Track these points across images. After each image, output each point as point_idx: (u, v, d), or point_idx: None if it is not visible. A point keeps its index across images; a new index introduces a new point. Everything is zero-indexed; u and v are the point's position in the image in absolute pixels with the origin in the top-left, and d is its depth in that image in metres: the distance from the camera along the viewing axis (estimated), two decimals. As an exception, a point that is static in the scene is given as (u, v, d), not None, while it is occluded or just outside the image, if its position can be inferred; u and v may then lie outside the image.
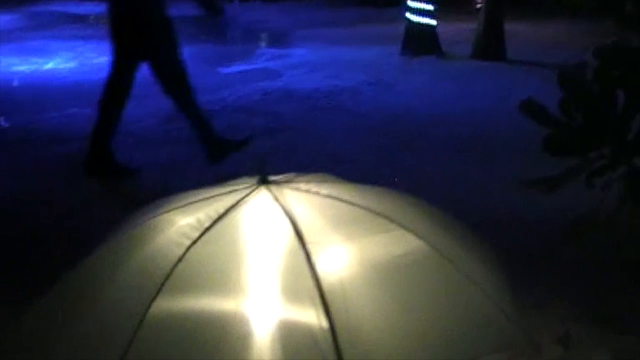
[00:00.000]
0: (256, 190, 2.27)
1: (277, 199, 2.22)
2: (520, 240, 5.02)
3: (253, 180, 2.33)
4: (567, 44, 11.99)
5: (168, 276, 2.08)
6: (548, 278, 4.52)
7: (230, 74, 11.81)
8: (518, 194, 5.23)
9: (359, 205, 2.26)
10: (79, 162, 7.11)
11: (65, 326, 2.21)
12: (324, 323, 1.97)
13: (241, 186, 2.32)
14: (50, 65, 12.68)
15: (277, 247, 2.13)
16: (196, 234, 2.15)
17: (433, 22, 12.64)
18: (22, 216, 5.85)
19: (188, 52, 6.59)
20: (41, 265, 4.64)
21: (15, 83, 11.40)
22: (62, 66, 12.57)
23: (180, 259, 2.11)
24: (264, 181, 2.31)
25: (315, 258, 2.07)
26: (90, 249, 2.39)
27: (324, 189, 2.33)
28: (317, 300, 2.00)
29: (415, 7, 12.61)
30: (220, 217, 2.19)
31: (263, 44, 14.48)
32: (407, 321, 2.09)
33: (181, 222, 2.23)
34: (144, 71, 6.79)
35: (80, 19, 16.90)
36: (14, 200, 6.20)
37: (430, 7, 12.58)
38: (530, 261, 4.66)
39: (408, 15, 12.73)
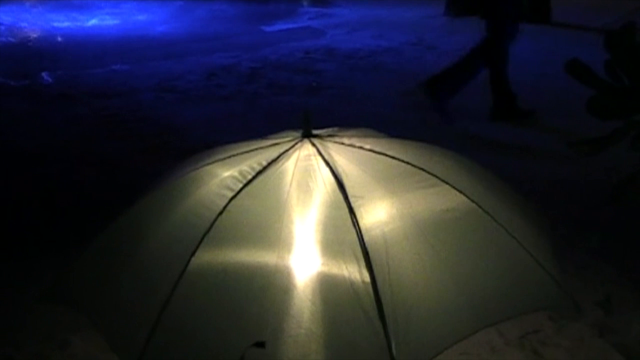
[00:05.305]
0: (300, 144, 2.27)
1: (320, 153, 2.22)
2: (563, 202, 4.98)
3: (297, 133, 2.33)
4: (612, 7, 11.78)
5: (210, 227, 2.10)
6: (590, 240, 4.48)
7: (273, 32, 11.80)
8: (562, 155, 5.17)
9: (402, 160, 2.25)
10: (120, 117, 7.17)
11: (111, 274, 2.23)
12: (366, 276, 1.98)
13: (285, 139, 2.32)
14: (93, 22, 12.75)
15: (320, 200, 2.13)
16: (239, 186, 2.16)
17: (476, -18, 12.47)
18: (65, 169, 5.89)
19: (233, 10, 6.60)
20: (85, 216, 4.68)
21: (59, 39, 11.47)
22: (105, 23, 12.63)
23: (222, 211, 2.12)
24: (307, 135, 2.31)
25: (357, 212, 2.07)
26: (132, 201, 2.41)
27: (367, 144, 2.32)
28: (359, 253, 2.00)
29: (459, -33, 12.45)
30: (263, 170, 2.19)
31: (305, 3, 14.42)
32: (449, 276, 2.09)
33: (224, 174, 2.24)
34: (180, 29, 6.76)
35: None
36: (57, 154, 6.25)
37: (473, -33, 12.41)
38: (572, 223, 4.62)
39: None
